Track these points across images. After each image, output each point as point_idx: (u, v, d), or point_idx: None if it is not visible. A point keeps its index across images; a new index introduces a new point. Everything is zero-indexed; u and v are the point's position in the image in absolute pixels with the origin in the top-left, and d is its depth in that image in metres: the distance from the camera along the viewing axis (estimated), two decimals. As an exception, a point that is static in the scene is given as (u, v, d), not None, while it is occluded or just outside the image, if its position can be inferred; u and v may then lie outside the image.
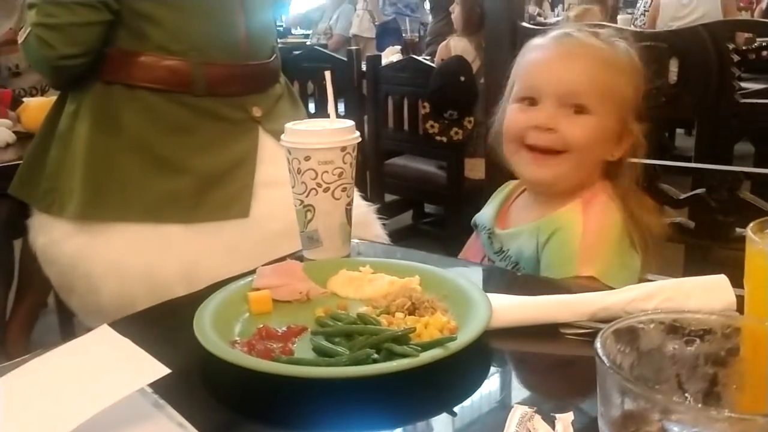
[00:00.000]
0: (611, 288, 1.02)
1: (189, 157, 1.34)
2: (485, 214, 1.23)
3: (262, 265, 0.89)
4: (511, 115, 1.13)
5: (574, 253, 1.05)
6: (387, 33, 6.68)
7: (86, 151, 1.32)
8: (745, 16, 6.07)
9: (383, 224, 1.53)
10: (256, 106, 1.40)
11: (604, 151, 1.11)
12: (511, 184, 1.26)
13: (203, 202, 1.33)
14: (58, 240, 1.35)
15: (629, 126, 1.10)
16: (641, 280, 1.07)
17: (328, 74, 1.03)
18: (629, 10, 7.45)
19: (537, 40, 1.15)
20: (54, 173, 1.36)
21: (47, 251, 1.38)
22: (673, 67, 1.40)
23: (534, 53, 1.14)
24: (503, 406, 0.62)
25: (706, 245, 1.32)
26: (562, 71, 1.09)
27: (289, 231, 1.06)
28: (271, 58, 1.49)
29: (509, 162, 1.16)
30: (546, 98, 1.08)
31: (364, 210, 1.48)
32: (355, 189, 1.49)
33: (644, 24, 5.91)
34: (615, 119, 1.09)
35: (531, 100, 1.10)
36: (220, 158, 1.35)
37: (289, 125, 1.00)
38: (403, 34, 5.93)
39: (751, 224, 0.55)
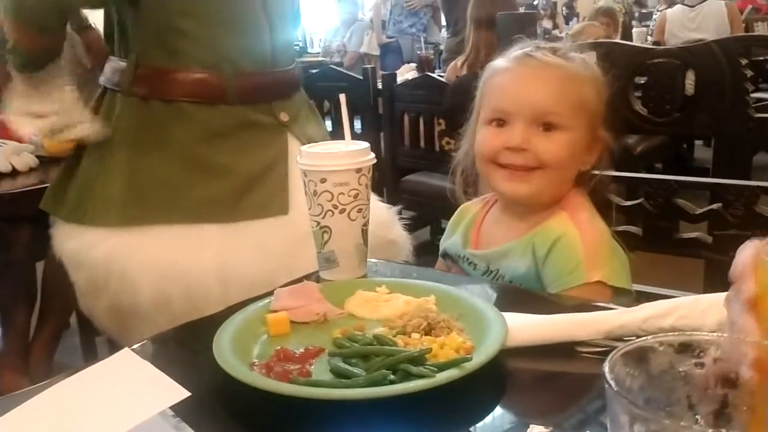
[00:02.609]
0: (619, 290, 1.06)
1: (228, 160, 1.39)
2: (454, 242, 1.24)
3: (280, 287, 0.90)
4: (482, 137, 1.15)
5: (579, 261, 1.07)
6: (390, 51, 6.80)
7: (127, 161, 1.37)
8: (761, 25, 6.05)
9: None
10: (283, 112, 1.46)
11: (579, 163, 1.14)
12: (471, 207, 1.27)
13: (242, 202, 1.38)
14: (90, 244, 1.37)
15: (598, 133, 1.14)
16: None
17: (342, 97, 1.05)
18: (645, 23, 7.46)
19: (499, 62, 1.18)
20: (86, 184, 1.41)
21: (78, 256, 1.40)
22: (690, 80, 1.40)
23: (499, 76, 1.17)
24: (519, 426, 0.63)
25: (726, 260, 1.31)
26: (528, 92, 1.11)
27: None
28: (293, 66, 1.54)
29: (485, 180, 1.19)
30: (515, 119, 1.10)
31: (384, 212, 1.52)
32: (374, 195, 1.53)
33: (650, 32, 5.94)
34: (585, 130, 1.12)
35: (500, 121, 1.13)
36: (256, 160, 1.41)
37: (304, 148, 1.02)
38: (417, 52, 5.98)
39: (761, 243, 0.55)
